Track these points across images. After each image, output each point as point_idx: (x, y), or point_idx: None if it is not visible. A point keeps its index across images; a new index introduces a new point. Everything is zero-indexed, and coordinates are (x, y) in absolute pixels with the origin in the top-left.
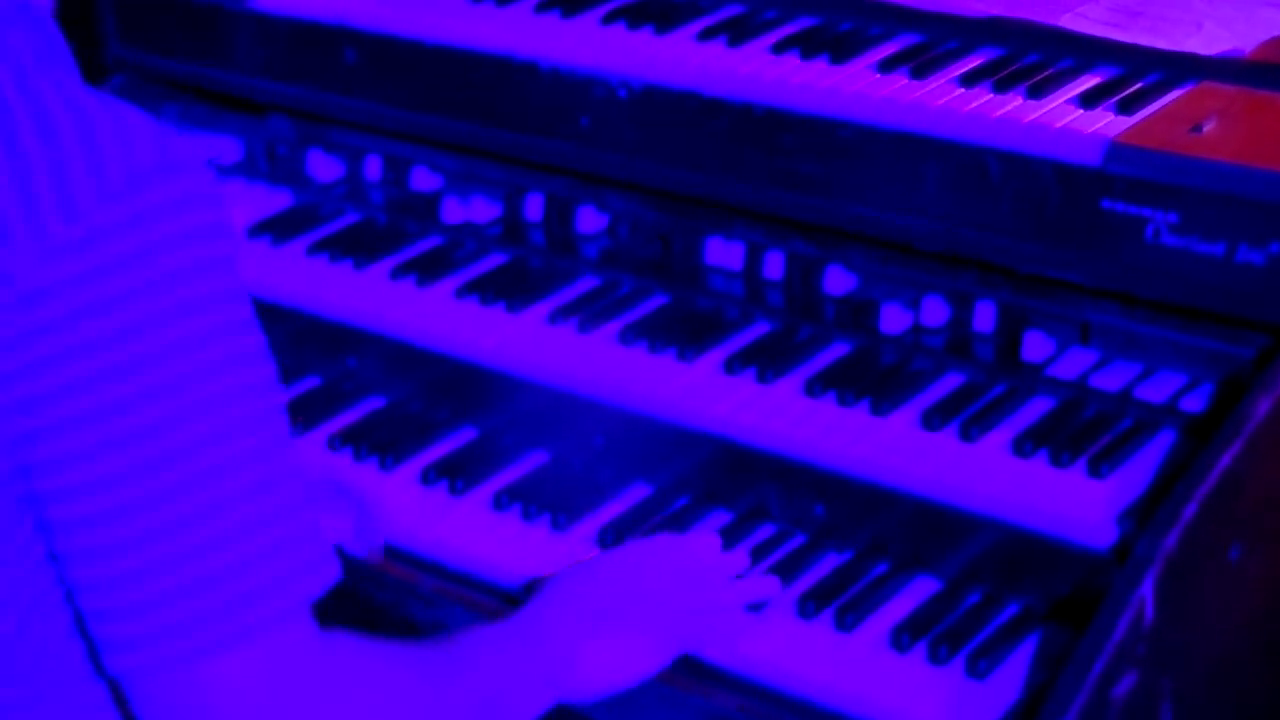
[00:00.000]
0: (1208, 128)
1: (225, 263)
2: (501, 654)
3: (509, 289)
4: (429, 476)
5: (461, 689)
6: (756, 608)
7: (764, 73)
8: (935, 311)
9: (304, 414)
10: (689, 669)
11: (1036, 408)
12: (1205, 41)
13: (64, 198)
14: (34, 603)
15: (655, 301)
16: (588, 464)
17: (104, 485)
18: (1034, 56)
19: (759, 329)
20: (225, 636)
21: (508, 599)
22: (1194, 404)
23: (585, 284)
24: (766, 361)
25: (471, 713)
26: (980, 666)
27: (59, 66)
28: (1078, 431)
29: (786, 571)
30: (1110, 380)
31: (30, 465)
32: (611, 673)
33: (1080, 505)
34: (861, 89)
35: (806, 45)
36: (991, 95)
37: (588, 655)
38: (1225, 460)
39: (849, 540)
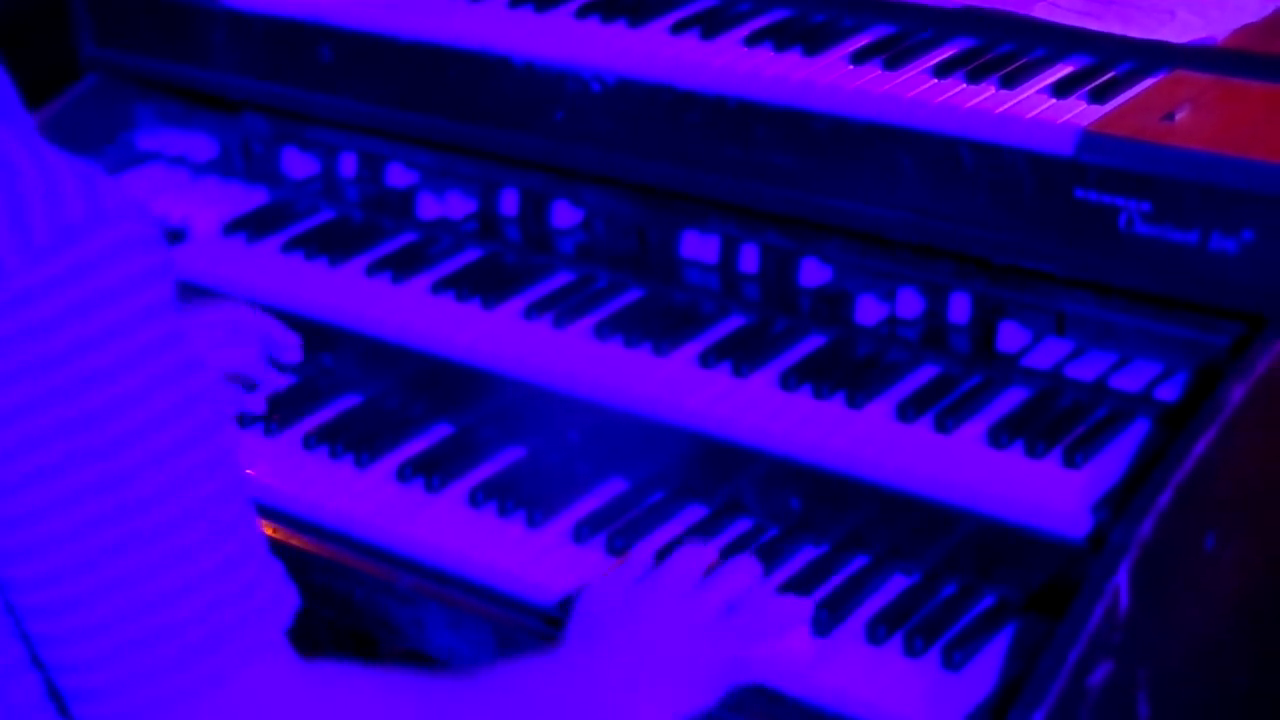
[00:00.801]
0: (1180, 116)
1: (163, 307)
2: (550, 689)
3: (484, 284)
4: (405, 474)
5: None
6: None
7: (738, 65)
8: (910, 303)
9: (279, 412)
10: None
11: (1012, 398)
12: (1178, 30)
13: None
14: None
15: (631, 295)
16: (564, 459)
17: (56, 541)
18: (1007, 46)
19: (734, 322)
20: (197, 680)
21: (485, 596)
22: (1169, 393)
23: (561, 279)
24: (742, 355)
25: None
26: (956, 658)
27: None
28: (1053, 421)
29: (764, 566)
30: (1085, 370)
31: None
32: (664, 708)
33: (1055, 495)
34: (835, 80)
35: (780, 37)
36: (965, 85)
37: (643, 692)
38: (1200, 448)
39: (824, 533)
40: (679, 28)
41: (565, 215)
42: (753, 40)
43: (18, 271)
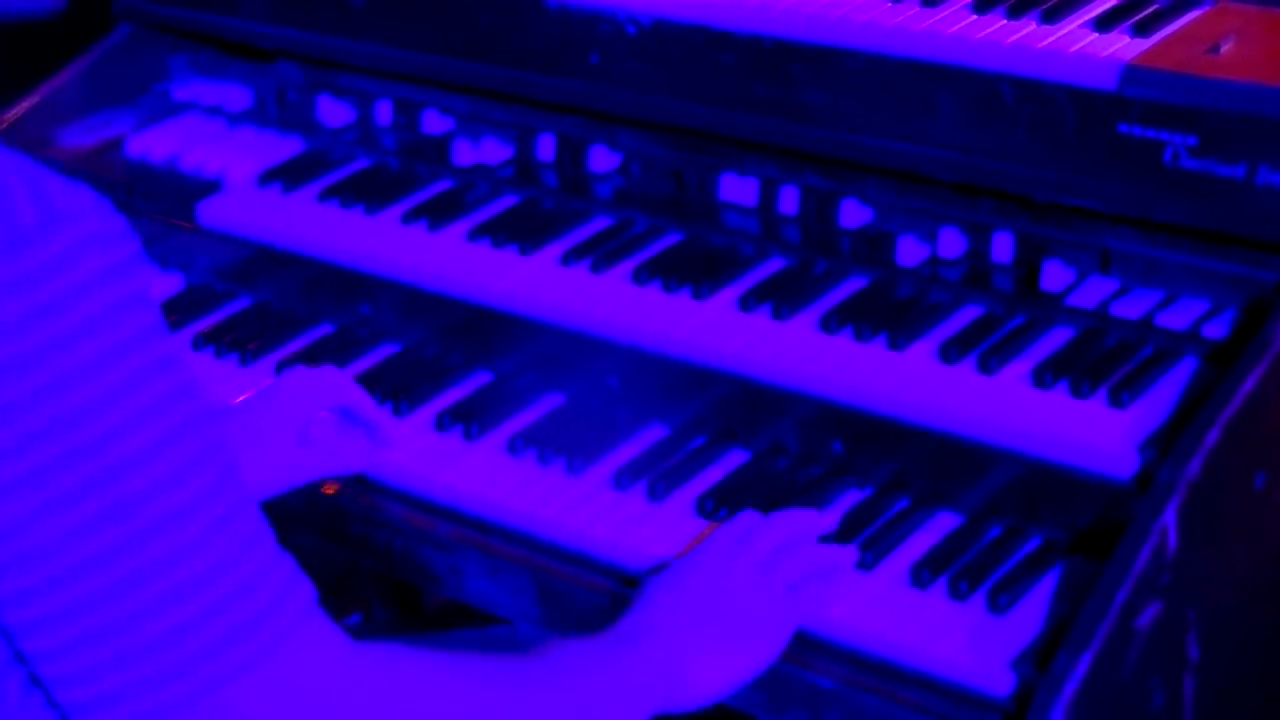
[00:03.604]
0: (1225, 48)
1: (136, 301)
2: (599, 666)
3: (521, 231)
4: (443, 422)
5: (542, 701)
6: None
7: (774, 3)
8: (952, 243)
9: (318, 361)
10: None
11: (1056, 338)
12: None
13: None
14: None
15: (669, 240)
16: (603, 406)
17: (43, 549)
18: None
19: (774, 265)
20: (200, 686)
21: (524, 543)
22: (1216, 330)
23: (598, 224)
24: (782, 297)
25: None
26: (1001, 601)
27: None
28: (1098, 361)
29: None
30: (1131, 308)
31: None
32: (718, 679)
33: (1101, 435)
34: (873, 18)
35: None
36: (1005, 21)
37: (695, 664)
38: (1249, 385)
39: (868, 477)
40: None
41: (602, 159)
42: None
43: None
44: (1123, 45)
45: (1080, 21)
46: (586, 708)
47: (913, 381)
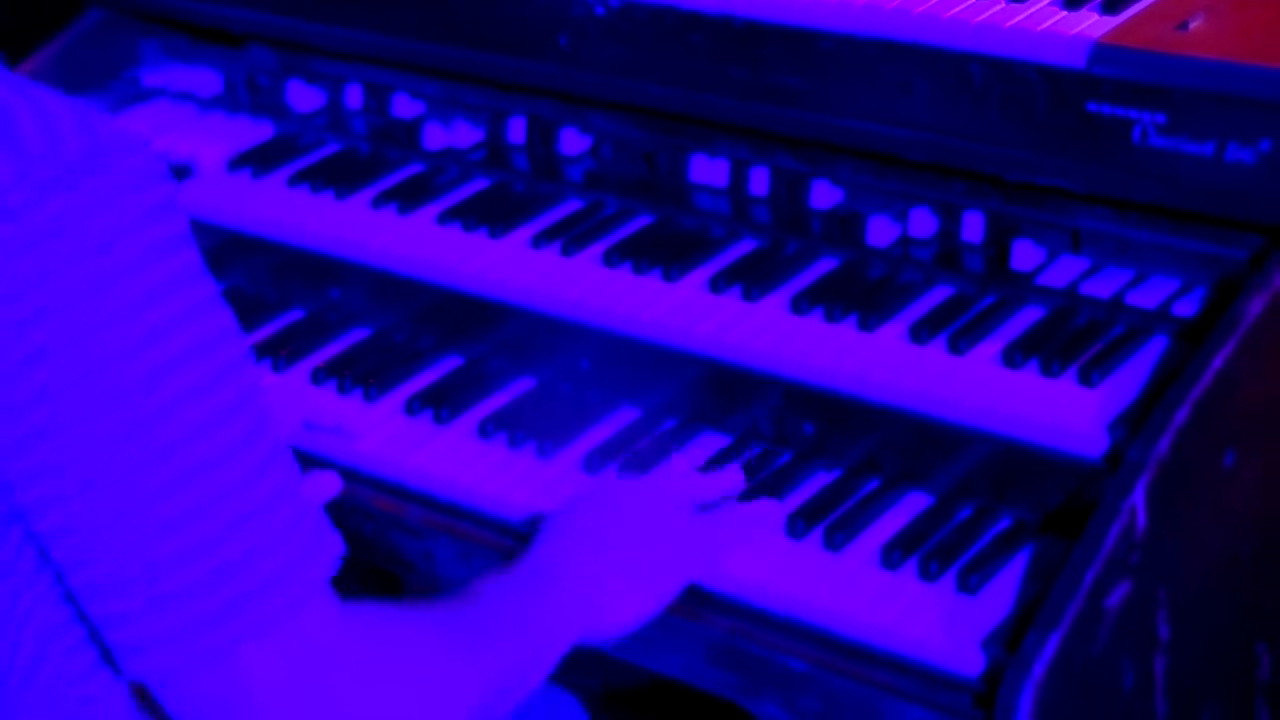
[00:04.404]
0: (1194, 25)
1: (179, 240)
2: (523, 603)
3: (492, 214)
4: (413, 406)
5: (488, 644)
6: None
7: None
8: (923, 223)
9: (288, 347)
10: (680, 596)
11: (1027, 317)
12: None
13: None
14: (32, 613)
15: (640, 222)
16: (574, 389)
17: (88, 489)
18: None
19: (745, 246)
20: (242, 630)
21: (495, 527)
22: (1187, 309)
23: (569, 206)
24: (753, 279)
25: (501, 665)
26: (972, 581)
27: None
28: (1068, 340)
29: (776, 490)
30: (1102, 287)
31: (10, 479)
32: (631, 608)
33: (1071, 414)
34: None
35: None
36: (973, 0)
37: (608, 593)
38: (1217, 363)
39: (838, 457)
40: None
41: (573, 142)
42: None
43: (20, 212)
44: (1091, 23)
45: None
46: (522, 646)
47: (883, 362)
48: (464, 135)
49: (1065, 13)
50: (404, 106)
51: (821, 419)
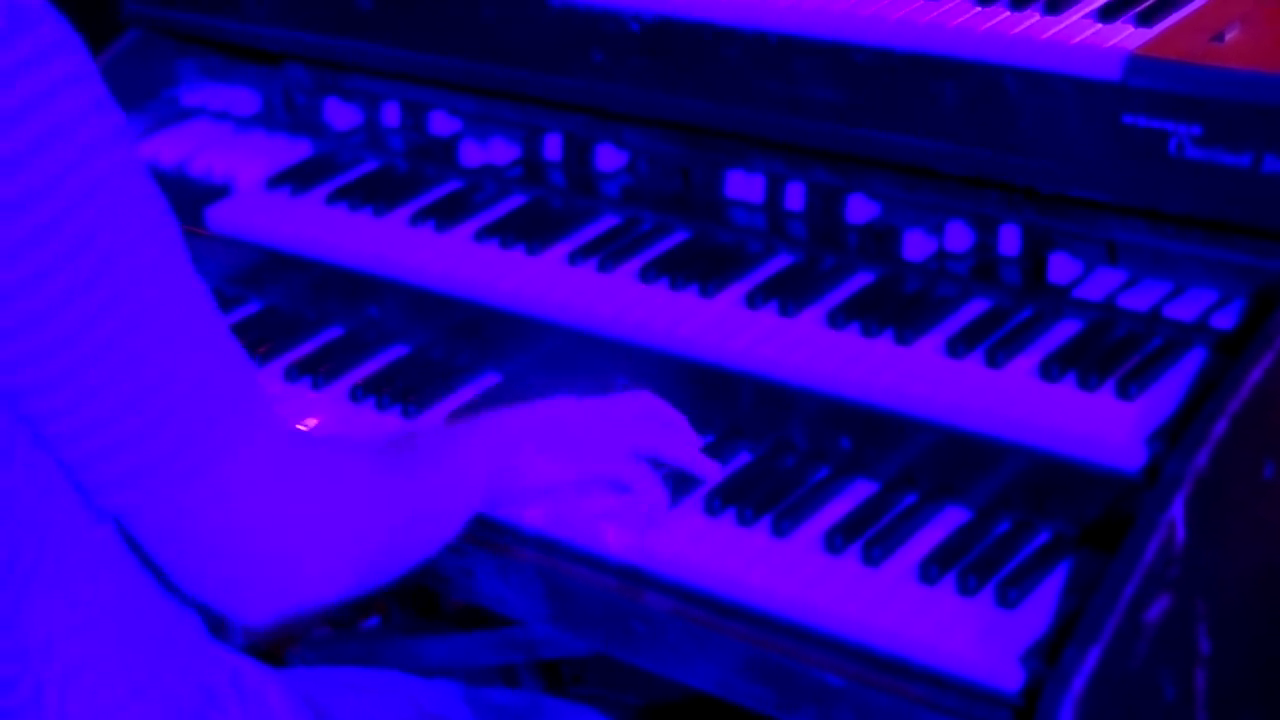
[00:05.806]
0: (1230, 36)
1: (99, 105)
2: (447, 447)
3: (528, 231)
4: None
5: (413, 474)
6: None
7: None
8: (959, 236)
9: (326, 365)
10: (714, 609)
11: (1064, 330)
12: None
13: None
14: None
15: (676, 237)
16: None
17: (50, 350)
18: None
19: (781, 261)
20: (202, 456)
21: (533, 544)
22: (1225, 321)
23: (606, 222)
24: (789, 294)
25: (421, 492)
26: (1010, 596)
27: None
28: (1106, 353)
29: (813, 505)
30: (1139, 300)
31: None
32: (541, 469)
33: (1109, 428)
34: (877, 11)
35: None
36: (1009, 13)
37: (521, 453)
38: (1256, 375)
39: (876, 472)
40: None
41: (609, 158)
42: None
43: None
44: (1126, 35)
45: (1084, 12)
46: (441, 479)
47: (920, 376)
48: (500, 152)
49: (1100, 24)
50: (441, 124)
51: (859, 433)
